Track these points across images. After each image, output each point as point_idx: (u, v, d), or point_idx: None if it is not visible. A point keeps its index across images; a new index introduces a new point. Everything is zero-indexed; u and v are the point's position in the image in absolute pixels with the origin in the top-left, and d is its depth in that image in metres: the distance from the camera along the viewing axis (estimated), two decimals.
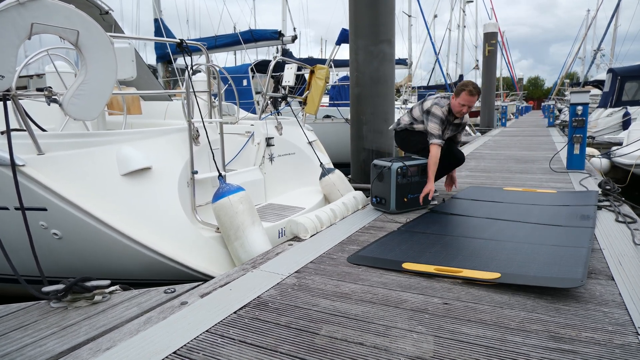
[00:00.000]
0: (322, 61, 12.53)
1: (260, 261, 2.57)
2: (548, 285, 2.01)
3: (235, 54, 16.78)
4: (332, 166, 4.72)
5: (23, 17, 2.26)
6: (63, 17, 2.42)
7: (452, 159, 4.10)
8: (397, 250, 2.66)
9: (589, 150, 7.86)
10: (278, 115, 4.71)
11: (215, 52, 12.47)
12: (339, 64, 13.03)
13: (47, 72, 4.38)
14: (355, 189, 4.39)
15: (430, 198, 3.68)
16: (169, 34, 11.51)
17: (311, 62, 12.25)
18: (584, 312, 1.86)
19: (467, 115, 3.99)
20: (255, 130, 4.24)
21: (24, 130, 2.65)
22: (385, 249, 2.70)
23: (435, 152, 3.67)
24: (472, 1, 30.71)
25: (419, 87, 24.33)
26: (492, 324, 1.77)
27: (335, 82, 12.06)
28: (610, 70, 12.75)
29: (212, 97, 3.76)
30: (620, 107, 11.35)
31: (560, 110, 21.06)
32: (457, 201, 4.02)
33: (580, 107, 5.63)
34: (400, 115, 4.44)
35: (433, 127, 3.71)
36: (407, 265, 2.40)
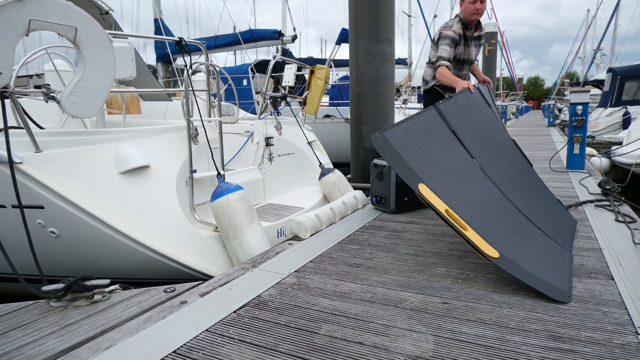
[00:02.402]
0: (322, 61, 12.53)
1: (260, 260, 2.56)
2: (538, 289, 1.99)
3: (235, 54, 16.79)
4: (331, 166, 4.71)
5: (21, 13, 2.26)
6: (61, 14, 2.42)
7: None
8: (420, 153, 2.45)
9: (589, 149, 7.86)
10: (278, 115, 4.71)
11: (215, 52, 12.48)
12: (339, 63, 13.03)
13: (46, 71, 4.38)
14: (355, 188, 4.39)
15: (471, 90, 3.25)
16: (169, 34, 11.51)
17: (311, 62, 12.25)
18: (583, 311, 1.85)
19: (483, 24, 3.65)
20: (255, 129, 4.23)
21: (22, 128, 2.64)
22: (411, 140, 2.48)
23: (443, 70, 3.34)
24: None
25: (419, 87, 24.31)
26: (491, 324, 1.76)
27: (335, 81, 12.06)
28: (610, 70, 12.76)
29: (212, 97, 3.76)
30: (620, 107, 11.36)
31: (560, 110, 21.07)
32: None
33: (580, 107, 5.63)
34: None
35: (443, 50, 3.38)
36: (422, 188, 2.26)
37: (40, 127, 3.35)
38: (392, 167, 2.32)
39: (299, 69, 6.51)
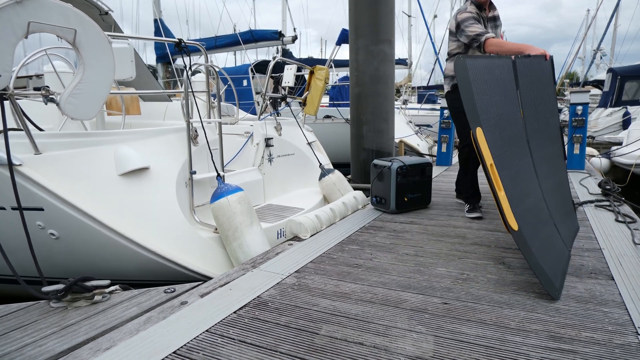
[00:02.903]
0: (322, 61, 12.53)
1: (260, 261, 2.56)
2: (537, 274, 2.00)
3: (235, 54, 16.81)
4: (331, 167, 4.71)
5: (20, 15, 2.26)
6: (60, 16, 2.42)
7: None
8: (487, 97, 2.34)
9: (589, 150, 7.85)
10: (278, 115, 4.71)
11: (215, 53, 12.48)
12: (339, 64, 13.03)
13: (46, 72, 4.38)
14: (355, 188, 4.39)
15: (547, 57, 3.02)
16: (169, 35, 11.51)
17: (311, 62, 12.26)
18: (583, 311, 1.85)
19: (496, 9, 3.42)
20: (255, 130, 4.23)
21: (21, 130, 2.64)
22: (485, 81, 2.38)
23: (495, 41, 3.05)
24: None
25: (419, 87, 24.34)
26: (491, 324, 1.76)
27: (336, 82, 12.06)
28: (610, 70, 12.76)
29: (212, 98, 3.75)
30: (620, 107, 11.36)
31: (560, 110, 21.05)
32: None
33: (580, 107, 5.64)
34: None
35: (474, 29, 3.14)
36: (479, 133, 2.19)
37: (40, 129, 3.35)
38: (461, 96, 2.23)
39: (298, 70, 6.51)
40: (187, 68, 3.15)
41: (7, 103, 2.39)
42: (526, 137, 2.67)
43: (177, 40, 3.16)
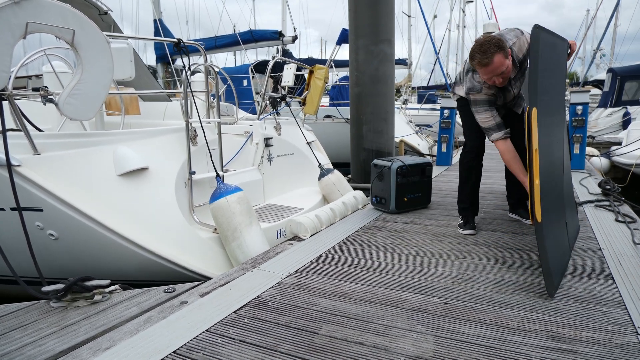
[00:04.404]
0: (323, 61, 12.52)
1: (260, 261, 2.56)
2: (543, 271, 2.00)
3: (235, 55, 16.80)
4: (331, 167, 4.71)
5: (18, 16, 2.26)
6: (59, 16, 2.41)
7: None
8: (546, 75, 2.22)
9: (589, 150, 7.85)
10: (277, 115, 4.70)
11: (215, 53, 12.47)
12: (340, 64, 13.02)
13: (45, 72, 4.37)
14: (355, 188, 4.38)
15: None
16: (169, 35, 11.50)
17: (311, 62, 12.23)
18: (583, 311, 1.85)
19: (521, 42, 2.73)
20: (254, 130, 4.23)
21: (20, 130, 2.64)
22: (549, 61, 2.27)
23: (503, 147, 2.83)
24: (472, 1, 30.62)
25: (419, 87, 24.33)
26: (491, 324, 1.76)
27: (336, 82, 12.06)
28: (610, 70, 12.75)
29: (211, 97, 3.75)
30: (620, 107, 11.35)
31: None
32: None
33: (580, 107, 5.63)
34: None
35: (482, 119, 2.86)
36: (534, 113, 2.08)
37: (39, 130, 3.35)
38: (529, 69, 2.11)
39: (298, 69, 6.52)
40: (186, 68, 3.15)
41: (5, 103, 2.38)
42: (564, 127, 2.59)
43: (176, 40, 3.16)
